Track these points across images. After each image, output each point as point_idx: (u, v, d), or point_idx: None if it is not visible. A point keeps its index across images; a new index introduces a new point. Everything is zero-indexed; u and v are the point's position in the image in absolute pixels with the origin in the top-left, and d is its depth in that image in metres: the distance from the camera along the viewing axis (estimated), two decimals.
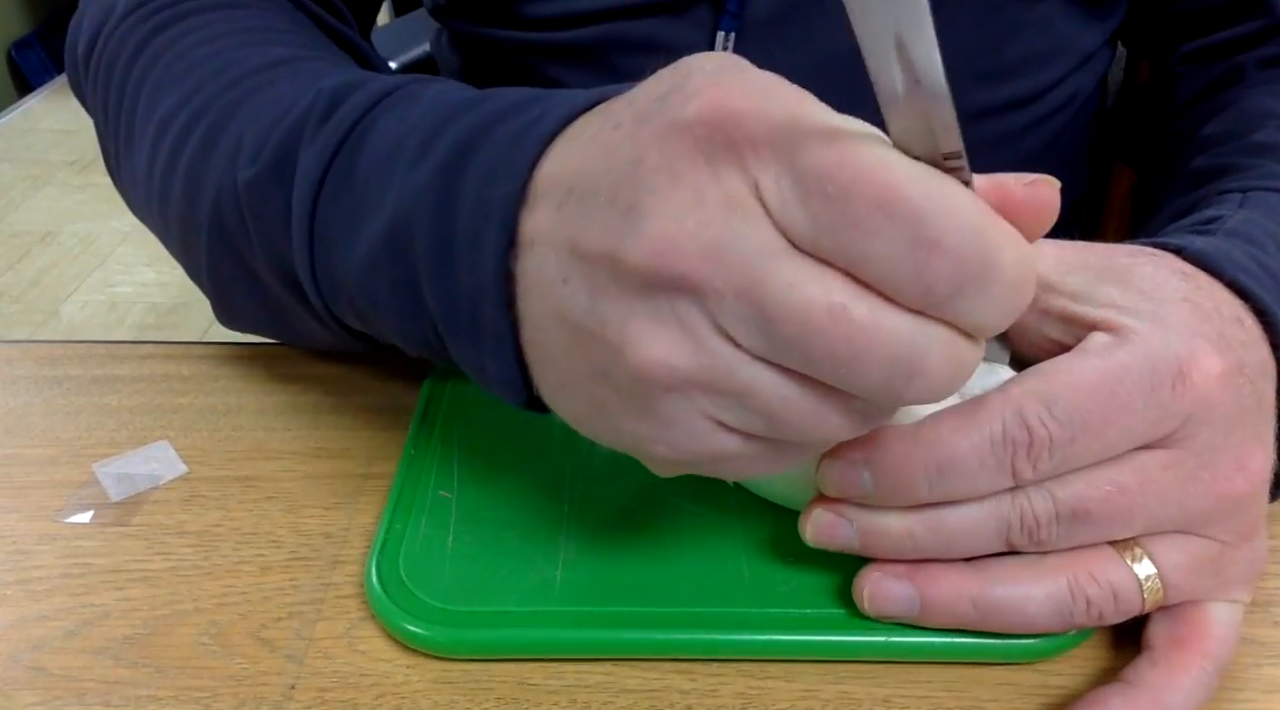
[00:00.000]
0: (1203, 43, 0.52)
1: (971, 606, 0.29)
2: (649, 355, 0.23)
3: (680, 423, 0.24)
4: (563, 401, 0.27)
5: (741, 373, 0.23)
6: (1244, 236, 0.33)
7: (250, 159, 0.34)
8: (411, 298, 0.30)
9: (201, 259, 0.38)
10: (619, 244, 0.22)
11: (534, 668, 0.30)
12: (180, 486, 0.38)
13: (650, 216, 0.22)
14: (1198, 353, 0.27)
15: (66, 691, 0.30)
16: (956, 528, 0.28)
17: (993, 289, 0.21)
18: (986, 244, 0.21)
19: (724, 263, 0.21)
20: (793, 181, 0.21)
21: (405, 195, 0.29)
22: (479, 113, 0.29)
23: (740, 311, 0.22)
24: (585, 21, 0.51)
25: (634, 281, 0.22)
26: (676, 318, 0.22)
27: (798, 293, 0.21)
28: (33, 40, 2.79)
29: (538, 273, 0.25)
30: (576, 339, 0.24)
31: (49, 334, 1.78)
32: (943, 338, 0.22)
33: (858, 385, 0.22)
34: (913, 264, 0.21)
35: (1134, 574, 0.28)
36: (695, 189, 0.22)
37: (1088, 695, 0.28)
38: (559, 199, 0.25)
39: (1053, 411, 0.26)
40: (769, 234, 0.21)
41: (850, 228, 0.21)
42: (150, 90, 0.39)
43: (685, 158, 0.22)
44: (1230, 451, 0.27)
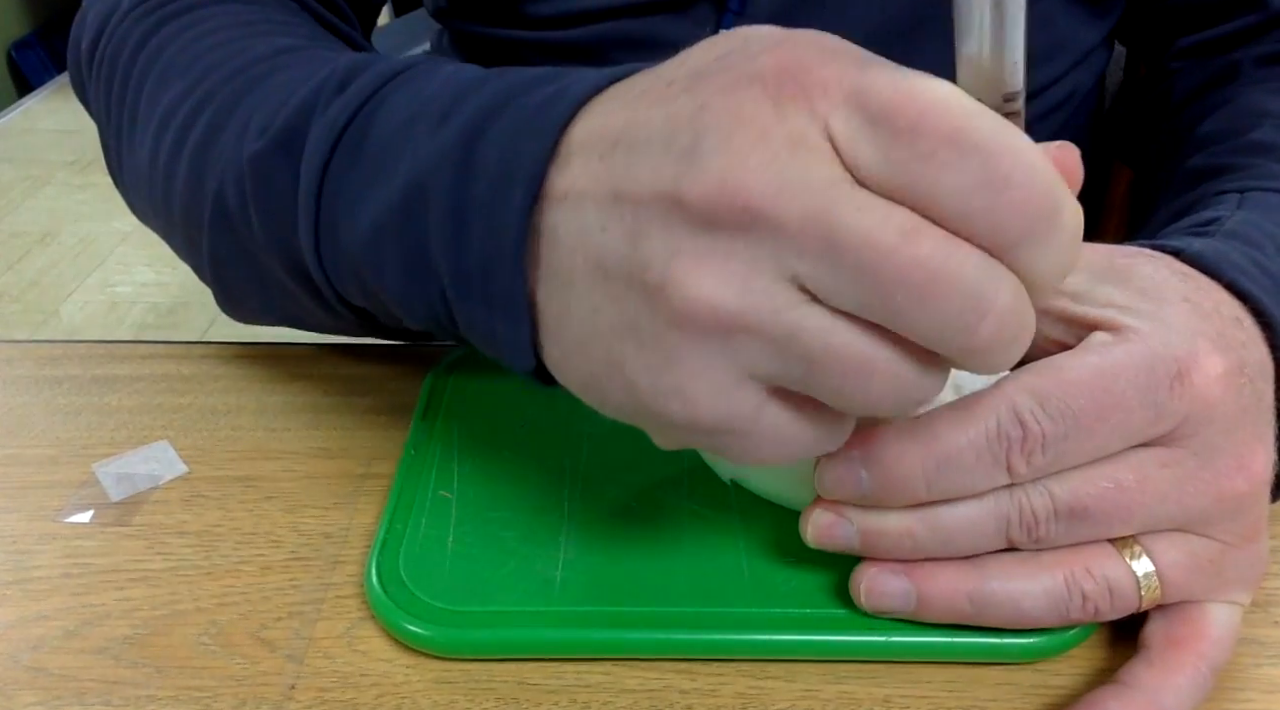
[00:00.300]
0: (1198, 38, 0.52)
1: (968, 602, 0.29)
2: (694, 293, 0.22)
3: (707, 373, 0.23)
4: (575, 363, 0.26)
5: (789, 313, 0.22)
6: (1242, 238, 0.33)
7: (258, 133, 0.33)
8: (420, 265, 0.29)
9: (203, 247, 0.37)
10: (677, 182, 0.22)
11: (534, 668, 0.30)
12: (180, 486, 0.38)
13: (714, 153, 0.22)
14: (1198, 352, 0.27)
15: (66, 691, 0.30)
16: (956, 526, 0.28)
17: (1058, 236, 0.21)
18: (1054, 189, 0.21)
19: (791, 194, 0.21)
20: (862, 118, 0.21)
21: (421, 161, 0.29)
22: (501, 83, 0.29)
23: (806, 243, 0.21)
24: (588, 20, 0.51)
25: (690, 219, 0.22)
26: (730, 254, 0.22)
27: (867, 216, 0.21)
28: (33, 40, 2.79)
29: (570, 225, 0.25)
30: (608, 289, 0.24)
31: (49, 334, 1.78)
32: (1012, 281, 0.21)
33: (926, 322, 0.21)
34: (985, 200, 0.20)
35: (1131, 571, 0.28)
36: (761, 128, 0.21)
37: (1084, 698, 0.28)
38: (601, 151, 0.24)
39: (1045, 407, 0.26)
40: (838, 168, 0.21)
41: (922, 162, 0.21)
42: (153, 83, 0.39)
43: (752, 102, 0.22)
44: (1231, 451, 0.27)
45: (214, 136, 0.36)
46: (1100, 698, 0.27)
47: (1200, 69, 0.52)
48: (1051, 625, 0.29)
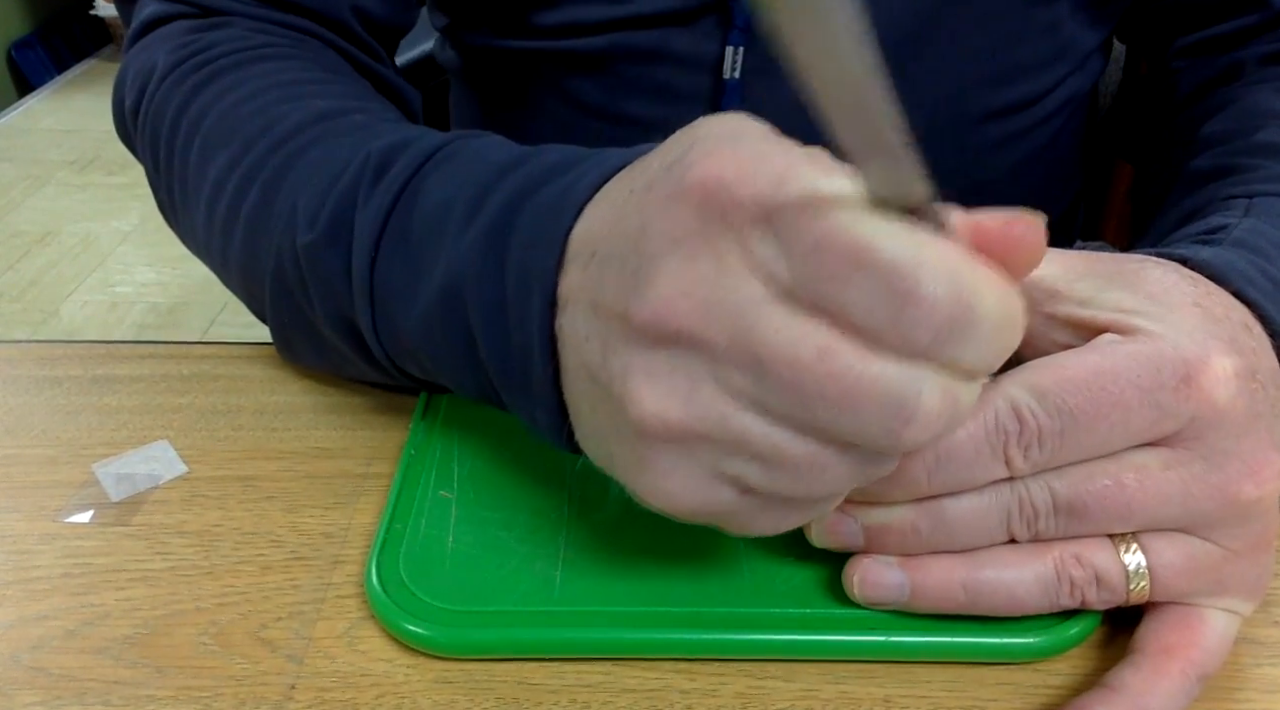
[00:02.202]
0: (1200, 36, 0.52)
1: (962, 590, 0.29)
2: (644, 407, 0.24)
3: (676, 474, 0.25)
4: (591, 448, 0.28)
5: (734, 421, 0.23)
6: (1250, 247, 0.33)
7: (307, 224, 0.35)
8: (467, 353, 0.32)
9: (265, 306, 0.40)
10: (627, 304, 0.24)
11: (534, 668, 0.30)
12: (180, 486, 0.38)
13: (653, 278, 0.24)
14: (1208, 355, 0.27)
15: (66, 691, 0.30)
16: (959, 520, 0.28)
17: (975, 333, 0.22)
18: (963, 289, 0.21)
19: (717, 315, 0.23)
20: (775, 241, 0.22)
21: (455, 261, 0.31)
22: (520, 176, 0.31)
23: (734, 358, 0.23)
24: (593, 31, 0.51)
25: (638, 338, 0.24)
26: (673, 370, 0.24)
27: (785, 335, 0.22)
28: (33, 40, 2.79)
29: (570, 330, 0.27)
30: (595, 393, 0.26)
31: (49, 334, 1.78)
32: (934, 380, 0.22)
33: (854, 430, 0.23)
34: (889, 313, 0.21)
35: (1121, 563, 0.28)
36: (691, 252, 0.23)
37: (1071, 702, 0.28)
38: (585, 261, 0.27)
39: (1042, 403, 0.27)
40: (759, 287, 0.23)
41: (827, 281, 0.22)
42: (199, 153, 0.41)
43: (682, 224, 0.24)
44: (1241, 456, 0.27)
45: (265, 213, 0.38)
46: (1086, 703, 0.27)
47: (1203, 68, 0.52)
48: (1043, 611, 0.29)
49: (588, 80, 0.53)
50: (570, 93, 0.54)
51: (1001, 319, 0.22)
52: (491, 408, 0.39)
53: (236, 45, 0.44)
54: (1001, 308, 0.22)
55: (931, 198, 0.21)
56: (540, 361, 0.28)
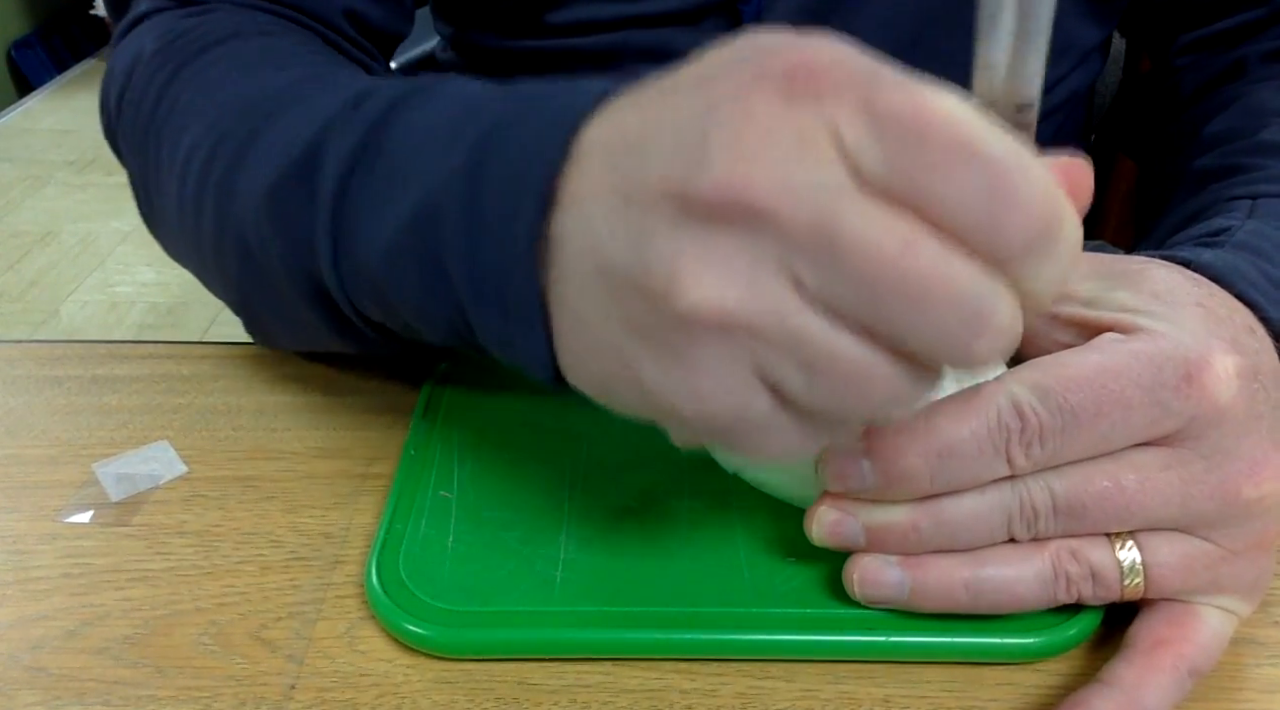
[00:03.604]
0: (1203, 33, 0.52)
1: (963, 589, 0.29)
2: (699, 293, 0.22)
3: (716, 371, 0.23)
4: (589, 366, 0.26)
5: (794, 318, 0.22)
6: (1253, 249, 0.33)
7: (275, 165, 0.34)
8: (437, 279, 0.29)
9: (231, 280, 0.38)
10: (685, 180, 0.22)
11: (534, 668, 0.30)
12: (180, 486, 0.38)
13: (722, 150, 0.22)
14: (1210, 354, 0.27)
15: (66, 691, 0.30)
16: (960, 519, 0.28)
17: (1058, 251, 0.21)
18: (1057, 205, 0.21)
19: (797, 195, 0.21)
20: (870, 123, 0.21)
21: (434, 176, 0.29)
22: (512, 99, 0.29)
23: (809, 245, 0.21)
24: (603, 29, 0.51)
25: (693, 217, 0.22)
26: (734, 253, 0.22)
27: (871, 224, 0.21)
28: (33, 40, 2.79)
29: (579, 231, 0.25)
30: (614, 293, 0.24)
31: (49, 334, 1.78)
32: (1009, 295, 0.21)
33: (922, 334, 0.21)
34: (989, 212, 0.20)
35: (1117, 560, 0.28)
36: (770, 127, 0.21)
37: (1068, 698, 0.28)
38: (610, 156, 0.24)
39: (1044, 401, 0.27)
40: (844, 172, 0.21)
41: (927, 172, 0.21)
42: (173, 128, 0.40)
43: (762, 101, 0.22)
44: (1242, 456, 0.27)
45: (234, 174, 0.36)
46: (1081, 697, 0.27)
47: (1206, 65, 0.52)
48: (1042, 607, 0.29)
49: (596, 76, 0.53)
50: None
51: (1077, 246, 0.22)
52: (492, 409, 0.39)
53: (220, 25, 0.43)
54: (1077, 235, 0.22)
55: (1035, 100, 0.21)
56: (525, 269, 0.26)
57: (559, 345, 0.27)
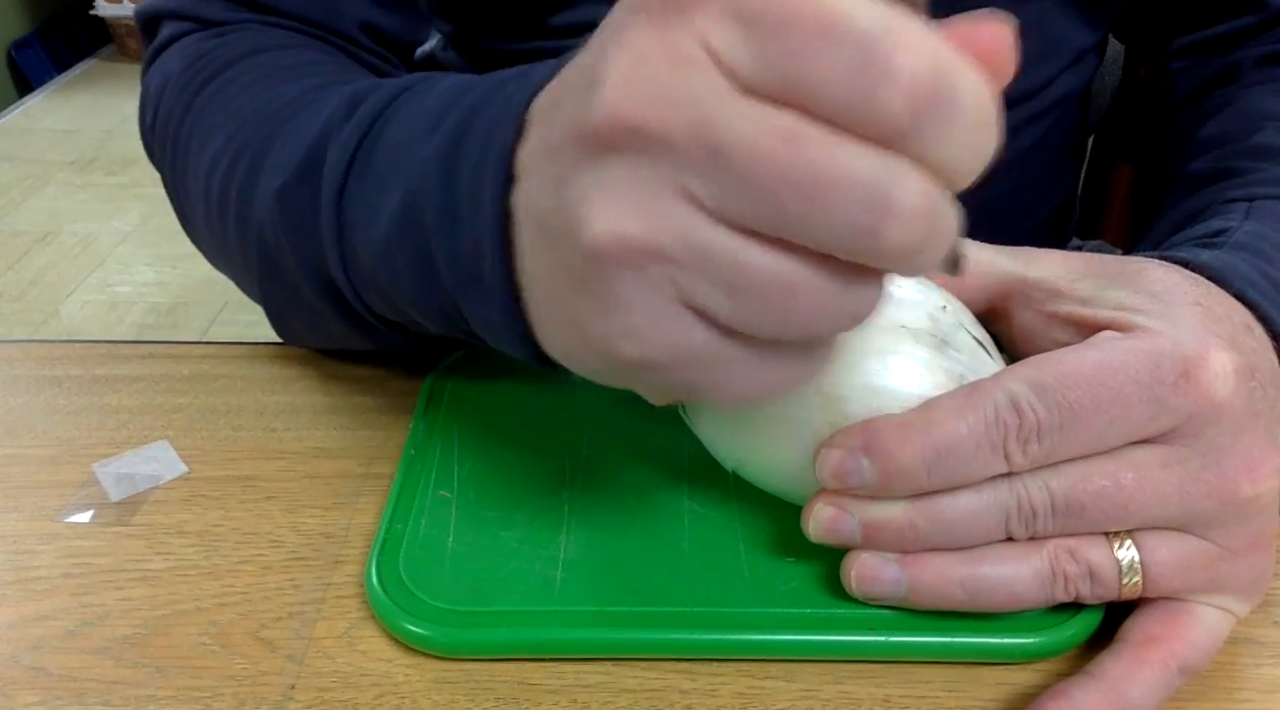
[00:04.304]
0: (1197, 37, 0.52)
1: (960, 588, 0.29)
2: (598, 226, 0.22)
3: (639, 305, 0.23)
4: (550, 330, 0.26)
5: (695, 235, 0.21)
6: (1250, 250, 0.33)
7: (284, 168, 0.35)
8: (427, 268, 0.30)
9: (255, 284, 0.39)
10: (580, 119, 0.22)
11: (534, 668, 0.30)
12: (180, 486, 0.38)
13: (604, 85, 0.22)
14: (1207, 352, 0.27)
15: (66, 691, 0.30)
16: (957, 517, 0.28)
17: (956, 117, 0.20)
18: (941, 68, 0.20)
19: (672, 106, 0.21)
20: (737, 23, 0.21)
21: (416, 168, 0.30)
22: (483, 86, 0.30)
23: (693, 156, 0.21)
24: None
25: (591, 152, 0.22)
26: (628, 181, 0.22)
27: (748, 123, 0.20)
28: (33, 40, 2.79)
29: (525, 197, 0.25)
30: (549, 246, 0.24)
31: (49, 334, 1.78)
32: (912, 172, 0.20)
33: (824, 228, 0.21)
34: (864, 88, 0.20)
35: (1115, 558, 0.28)
36: (644, 52, 0.21)
37: (1052, 689, 0.28)
38: (540, 117, 0.25)
39: (1042, 397, 0.27)
40: (717, 78, 0.21)
41: (794, 57, 0.20)
42: (198, 141, 0.41)
43: (636, 29, 0.22)
44: (1239, 454, 0.27)
45: (252, 181, 0.37)
46: (1065, 688, 0.28)
47: (1201, 69, 0.52)
48: (1040, 606, 0.29)
49: None
50: None
51: (980, 111, 0.20)
52: (492, 409, 0.39)
53: (241, 43, 0.44)
54: (980, 97, 0.20)
55: None
56: (492, 245, 0.26)
57: (531, 318, 0.27)
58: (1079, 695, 0.27)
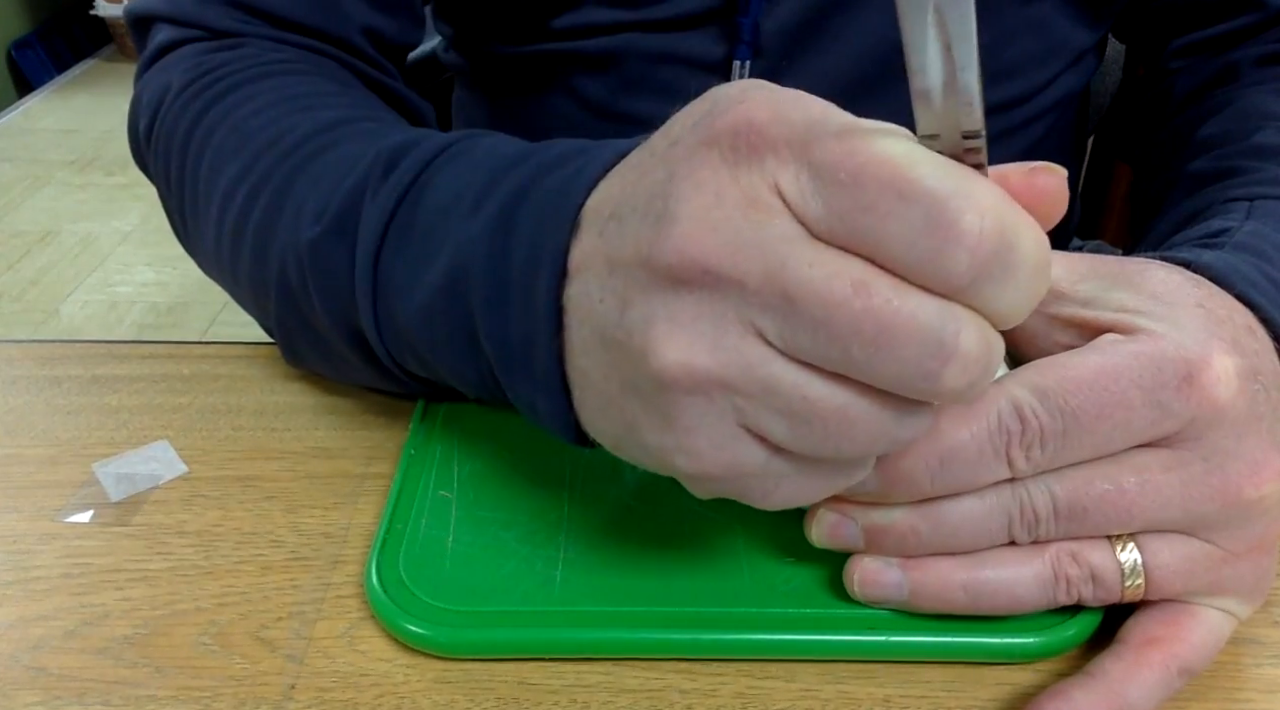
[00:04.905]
0: (1196, 37, 0.52)
1: (962, 591, 0.29)
2: (669, 357, 0.23)
3: (702, 429, 0.24)
4: (601, 426, 0.28)
5: (762, 369, 0.23)
6: (1252, 250, 0.33)
7: (314, 219, 0.35)
8: (468, 343, 0.31)
9: (270, 315, 0.39)
10: (649, 247, 0.23)
11: (534, 668, 0.30)
12: (180, 486, 0.38)
13: (677, 218, 0.23)
14: (1210, 355, 0.27)
15: (66, 691, 0.30)
16: (959, 523, 0.28)
17: (1015, 272, 0.21)
18: (1005, 226, 0.21)
19: (746, 251, 0.22)
20: (809, 174, 0.22)
21: (462, 244, 0.30)
22: (531, 164, 0.31)
23: (765, 299, 0.22)
24: (604, 33, 0.52)
25: (660, 282, 0.23)
26: (699, 315, 0.23)
27: (819, 270, 0.21)
28: (33, 40, 2.79)
29: (580, 299, 0.26)
30: (608, 355, 0.25)
31: (49, 334, 1.78)
32: (972, 320, 0.22)
33: (888, 371, 0.22)
34: (931, 245, 0.21)
35: (1117, 561, 0.28)
36: (718, 191, 0.23)
37: (1051, 689, 0.28)
38: (601, 225, 0.26)
39: (1044, 403, 0.27)
40: (790, 224, 0.22)
41: (865, 212, 0.21)
42: (210, 165, 0.41)
43: (710, 166, 0.23)
44: (1242, 457, 0.27)
45: (273, 218, 0.37)
46: (1065, 688, 0.28)
47: (1200, 69, 0.52)
48: (1042, 609, 0.29)
49: (596, 80, 0.54)
50: (578, 92, 0.54)
51: (1039, 262, 0.22)
52: (492, 408, 0.39)
53: (250, 62, 0.44)
54: (1039, 250, 0.22)
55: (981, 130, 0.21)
56: (545, 338, 0.27)
57: (578, 406, 0.28)
58: (1079, 696, 0.27)
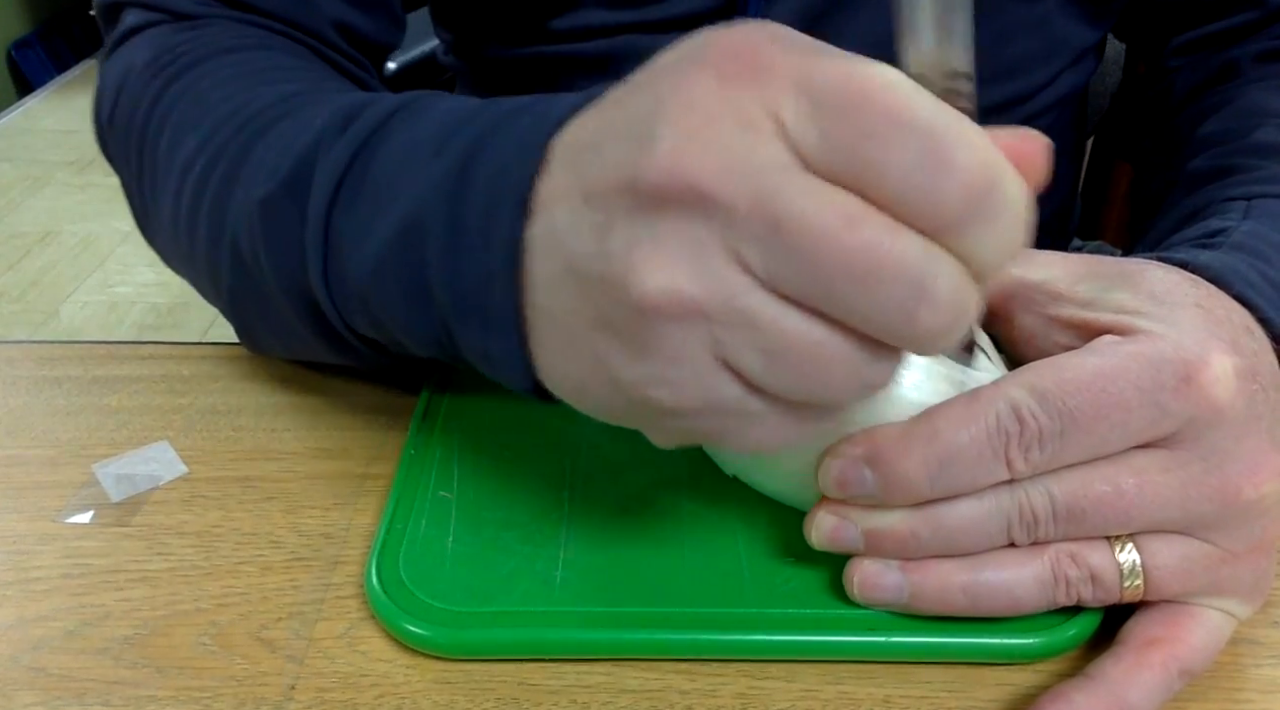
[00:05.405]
0: (1196, 34, 0.52)
1: (961, 593, 0.29)
2: (654, 282, 0.22)
3: (681, 358, 0.23)
4: (563, 368, 0.27)
5: (745, 298, 0.22)
6: (1249, 250, 0.33)
7: (266, 177, 0.34)
8: (422, 292, 0.30)
9: (224, 291, 0.39)
10: (633, 168, 0.22)
11: (534, 668, 0.30)
12: (180, 487, 0.38)
13: (666, 138, 0.22)
14: (1208, 355, 0.27)
15: (66, 691, 0.30)
16: (959, 525, 0.28)
17: (1001, 217, 0.21)
18: (995, 168, 0.21)
19: (738, 175, 0.21)
20: (808, 99, 0.21)
21: (417, 193, 0.30)
22: (493, 112, 0.30)
23: (753, 226, 0.21)
24: (604, 34, 0.51)
25: (644, 205, 0.22)
26: (684, 239, 0.22)
27: (812, 201, 0.21)
28: (33, 40, 2.79)
29: (547, 233, 0.25)
30: (580, 289, 0.24)
31: (49, 334, 1.78)
32: (952, 265, 0.21)
33: (867, 308, 0.21)
34: (926, 178, 0.20)
35: (1116, 562, 0.28)
36: (710, 112, 0.22)
37: (1051, 690, 0.28)
38: (573, 157, 0.25)
39: (1043, 404, 0.27)
40: (784, 151, 0.21)
41: (864, 139, 0.21)
42: (169, 139, 0.40)
43: (702, 86, 0.22)
44: (1240, 457, 0.27)
45: (229, 187, 0.36)
46: (1064, 690, 0.27)
47: (1200, 67, 0.52)
48: (1041, 610, 0.29)
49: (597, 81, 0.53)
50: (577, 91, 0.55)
51: (1020, 210, 0.22)
52: (492, 408, 0.39)
53: (214, 40, 0.43)
54: (1021, 197, 0.22)
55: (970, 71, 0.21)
56: (503, 279, 0.26)
57: (536, 350, 0.27)
58: (1078, 697, 0.27)
